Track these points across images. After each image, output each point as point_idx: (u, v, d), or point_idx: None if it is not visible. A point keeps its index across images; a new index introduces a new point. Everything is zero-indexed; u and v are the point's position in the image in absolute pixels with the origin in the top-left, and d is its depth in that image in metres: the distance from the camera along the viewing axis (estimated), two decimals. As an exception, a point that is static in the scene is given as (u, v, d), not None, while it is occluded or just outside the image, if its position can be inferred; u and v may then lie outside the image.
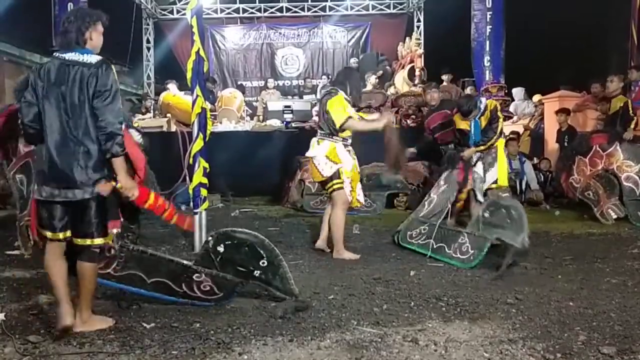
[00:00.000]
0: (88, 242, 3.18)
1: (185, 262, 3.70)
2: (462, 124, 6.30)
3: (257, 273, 3.70)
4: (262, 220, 7.31)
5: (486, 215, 5.03)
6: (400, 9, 15.81)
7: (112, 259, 3.52)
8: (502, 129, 6.26)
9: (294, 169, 8.80)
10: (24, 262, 4.99)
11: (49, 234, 3.20)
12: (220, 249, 3.65)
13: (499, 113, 6.06)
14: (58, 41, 3.26)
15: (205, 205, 5.56)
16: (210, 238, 3.70)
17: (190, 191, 5.48)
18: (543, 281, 4.38)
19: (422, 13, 15.33)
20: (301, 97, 12.90)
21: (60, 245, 3.24)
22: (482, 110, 6.07)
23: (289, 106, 10.22)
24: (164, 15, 15.98)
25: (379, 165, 8.37)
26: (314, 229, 6.76)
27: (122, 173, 3.20)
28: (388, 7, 15.80)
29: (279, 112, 10.17)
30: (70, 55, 3.16)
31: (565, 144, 9.32)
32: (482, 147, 6.09)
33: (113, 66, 3.23)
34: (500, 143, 6.33)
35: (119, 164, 3.17)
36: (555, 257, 5.12)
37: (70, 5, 13.84)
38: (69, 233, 3.21)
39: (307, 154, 5.49)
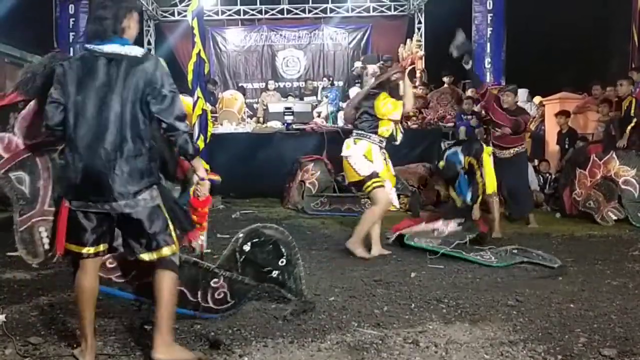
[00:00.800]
0: (155, 255, 2.77)
1: (208, 265, 3.49)
2: None
3: (274, 274, 3.64)
4: (263, 222, 7.26)
5: (515, 252, 5.26)
6: (401, 11, 15.82)
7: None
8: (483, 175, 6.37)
9: (294, 170, 8.80)
10: (24, 264, 4.98)
11: (84, 250, 2.78)
12: (247, 247, 3.53)
13: (475, 168, 6.28)
14: (90, 29, 2.81)
15: (206, 206, 5.55)
16: (240, 235, 3.56)
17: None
18: (544, 283, 4.37)
19: (423, 15, 15.34)
20: (302, 99, 12.90)
21: (94, 262, 2.83)
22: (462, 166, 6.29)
23: (289, 108, 10.22)
24: (165, 17, 16.00)
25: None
26: (315, 231, 6.77)
27: (203, 170, 2.95)
28: (389, 9, 15.81)
29: (280, 113, 10.17)
30: (109, 48, 2.73)
31: (566, 146, 9.34)
32: (479, 199, 6.33)
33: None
34: (487, 150, 6.40)
35: (198, 161, 2.93)
36: (556, 259, 5.11)
37: (71, 7, 13.90)
38: (102, 247, 2.82)
39: (343, 154, 5.45)
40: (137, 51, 2.77)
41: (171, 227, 2.81)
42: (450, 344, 3.09)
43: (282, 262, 3.64)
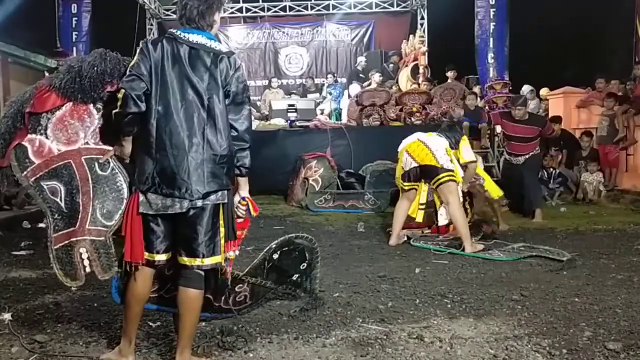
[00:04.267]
0: (197, 262, 2.63)
1: (237, 272, 3.35)
2: None
3: (295, 277, 3.64)
4: (267, 219, 7.32)
5: (522, 249, 5.29)
6: (404, 7, 15.78)
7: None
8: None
9: (297, 168, 8.80)
10: (30, 263, 5.02)
11: (157, 257, 2.67)
12: (275, 255, 3.48)
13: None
14: (181, 15, 2.70)
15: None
16: (274, 245, 3.49)
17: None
18: (548, 277, 4.37)
19: (426, 10, 15.31)
20: (305, 96, 12.90)
21: (153, 272, 2.73)
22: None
23: (292, 105, 10.23)
24: (168, 15, 15.97)
25: (383, 163, 8.38)
26: (319, 227, 6.77)
27: (247, 189, 2.79)
28: (391, 4, 15.76)
29: (283, 111, 10.18)
30: (195, 38, 2.64)
31: (563, 152, 9.39)
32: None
33: None
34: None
35: (246, 179, 2.77)
36: (560, 254, 5.11)
37: (74, 7, 13.92)
38: (171, 254, 2.69)
39: (421, 139, 5.58)
40: (222, 47, 2.69)
41: (222, 234, 2.68)
42: (454, 339, 3.08)
43: (303, 265, 3.63)
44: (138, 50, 2.64)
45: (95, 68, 2.72)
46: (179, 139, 2.57)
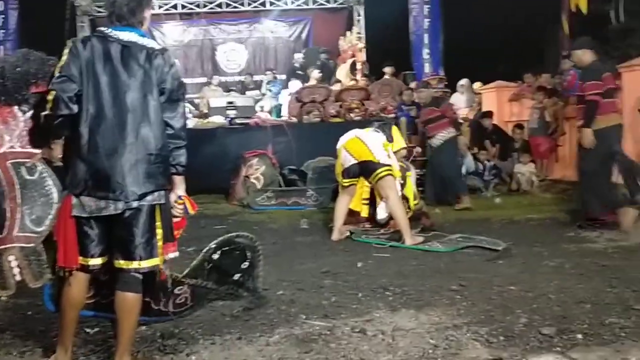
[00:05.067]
0: (134, 265, 2.57)
1: (176, 275, 3.24)
2: None
3: (236, 277, 3.59)
4: (209, 219, 7.21)
5: (460, 239, 5.41)
6: (341, 3, 15.84)
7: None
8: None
9: (238, 166, 8.72)
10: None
11: (91, 262, 2.60)
12: (216, 256, 3.44)
13: None
14: (110, 13, 2.66)
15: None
16: (214, 245, 3.45)
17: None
18: (485, 267, 4.50)
19: (362, 7, 15.43)
20: (244, 93, 12.79)
21: (88, 277, 2.66)
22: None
23: (232, 102, 10.11)
24: (101, 12, 15.48)
25: (325, 159, 8.41)
26: (261, 226, 6.74)
27: (183, 187, 2.75)
28: (328, 1, 15.82)
29: (222, 108, 10.05)
30: (126, 35, 2.58)
31: (496, 145, 9.70)
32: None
33: None
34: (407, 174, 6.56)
35: (182, 178, 2.74)
36: (496, 243, 5.26)
37: (0, 4, 13.32)
38: (106, 258, 2.62)
39: (357, 135, 5.71)
40: (154, 44, 2.65)
41: (160, 236, 2.63)
42: (396, 331, 3.13)
43: (244, 265, 3.60)
44: (67, 50, 2.57)
45: (18, 69, 2.64)
46: (112, 140, 2.52)
